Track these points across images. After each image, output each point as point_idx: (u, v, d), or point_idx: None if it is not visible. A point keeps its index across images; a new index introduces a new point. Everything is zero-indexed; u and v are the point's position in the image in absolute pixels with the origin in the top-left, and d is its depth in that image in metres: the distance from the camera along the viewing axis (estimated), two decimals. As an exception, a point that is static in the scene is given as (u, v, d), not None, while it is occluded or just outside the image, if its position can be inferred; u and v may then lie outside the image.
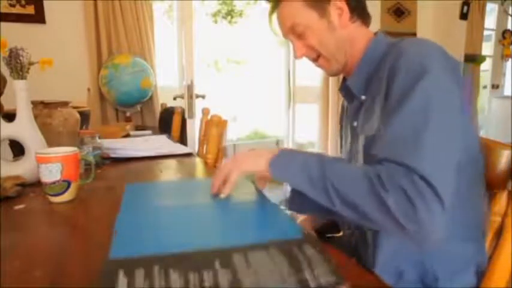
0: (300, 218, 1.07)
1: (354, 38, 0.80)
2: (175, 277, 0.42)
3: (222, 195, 0.73)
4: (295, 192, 0.78)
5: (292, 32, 0.81)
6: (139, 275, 0.43)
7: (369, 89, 0.77)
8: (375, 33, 0.83)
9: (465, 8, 3.59)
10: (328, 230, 1.00)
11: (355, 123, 0.81)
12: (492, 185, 0.72)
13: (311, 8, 0.78)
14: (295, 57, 0.85)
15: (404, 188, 0.53)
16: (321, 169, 0.63)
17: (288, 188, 0.82)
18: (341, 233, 0.98)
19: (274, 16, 0.84)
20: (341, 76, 0.89)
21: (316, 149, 3.17)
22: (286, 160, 0.69)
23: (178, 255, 0.48)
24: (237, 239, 0.54)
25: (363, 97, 0.78)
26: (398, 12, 3.24)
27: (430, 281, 0.70)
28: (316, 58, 0.83)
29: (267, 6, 0.86)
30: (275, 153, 0.69)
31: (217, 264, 0.46)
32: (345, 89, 0.85)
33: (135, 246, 0.53)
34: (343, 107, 0.96)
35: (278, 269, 0.45)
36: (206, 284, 0.42)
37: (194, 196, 0.82)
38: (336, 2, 0.78)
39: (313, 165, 0.64)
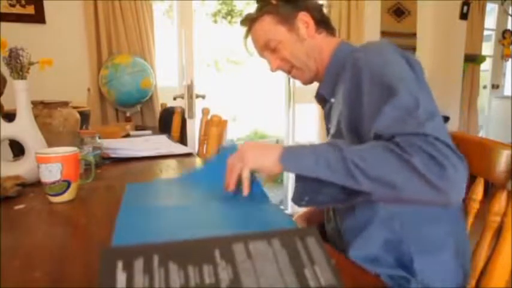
0: (295, 215, 1.07)
1: (321, 47, 0.89)
2: (174, 269, 0.42)
3: (245, 194, 0.72)
4: (303, 188, 0.74)
5: (266, 48, 0.91)
6: (139, 267, 0.42)
7: (335, 92, 0.84)
8: (340, 41, 0.90)
9: (465, 8, 3.58)
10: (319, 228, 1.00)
11: (329, 125, 0.88)
12: (492, 185, 0.72)
13: (280, 24, 0.88)
14: (271, 70, 0.94)
15: (426, 149, 0.56)
16: (338, 152, 0.63)
17: (289, 188, 0.81)
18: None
19: (249, 39, 0.95)
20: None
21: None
22: (297, 152, 0.68)
23: (178, 245, 0.47)
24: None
25: (332, 100, 0.86)
26: (398, 12, 3.24)
27: (407, 262, 0.71)
28: (290, 69, 0.92)
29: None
30: (283, 148, 0.69)
31: (217, 256, 0.45)
32: (319, 96, 0.93)
33: (135, 238, 0.52)
34: None
35: (278, 264, 0.45)
36: (206, 279, 0.42)
37: (195, 194, 0.82)
38: (301, 17, 0.88)
39: (328, 150, 0.64)
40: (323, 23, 0.91)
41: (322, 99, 0.92)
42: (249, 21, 0.93)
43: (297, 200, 0.73)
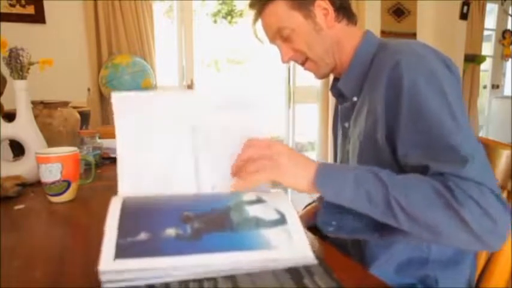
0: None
1: (341, 39, 0.79)
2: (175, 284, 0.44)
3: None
4: (330, 210, 0.69)
5: (279, 36, 0.80)
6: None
7: (361, 91, 0.76)
8: (364, 32, 0.81)
9: (465, 8, 3.58)
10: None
11: (346, 124, 0.82)
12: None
13: (295, 10, 0.76)
14: (282, 61, 0.83)
15: (478, 200, 0.52)
16: (381, 186, 0.57)
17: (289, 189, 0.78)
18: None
19: (259, 24, 0.83)
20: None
21: (316, 150, 3.17)
22: (335, 175, 0.60)
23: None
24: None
25: (355, 98, 0.78)
26: (399, 12, 3.24)
27: (431, 282, 0.71)
28: (304, 61, 0.82)
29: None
30: (318, 166, 0.60)
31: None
32: (336, 90, 0.84)
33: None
34: (336, 107, 0.94)
35: (277, 277, 0.46)
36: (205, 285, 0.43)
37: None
38: (320, 3, 0.77)
39: (369, 181, 0.58)
40: (343, 9, 0.80)
41: (341, 95, 0.83)
42: (259, 4, 0.80)
43: (323, 225, 0.65)
